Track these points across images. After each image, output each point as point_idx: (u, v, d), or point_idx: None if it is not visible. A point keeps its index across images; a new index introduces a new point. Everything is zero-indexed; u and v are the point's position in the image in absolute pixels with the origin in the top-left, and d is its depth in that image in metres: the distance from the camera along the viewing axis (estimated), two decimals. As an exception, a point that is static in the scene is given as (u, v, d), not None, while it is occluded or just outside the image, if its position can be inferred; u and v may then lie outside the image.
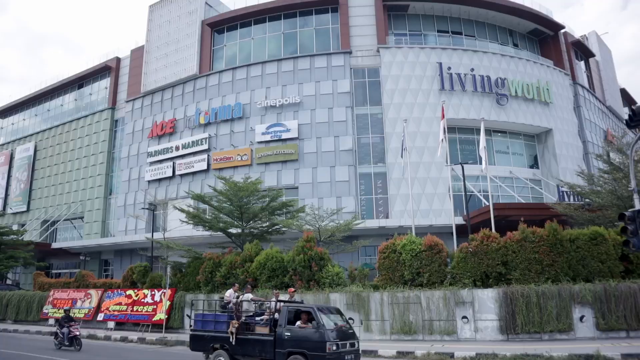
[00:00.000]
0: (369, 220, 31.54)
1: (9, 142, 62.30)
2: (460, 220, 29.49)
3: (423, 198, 33.56)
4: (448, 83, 36.00)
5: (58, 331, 17.44)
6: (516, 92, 37.08)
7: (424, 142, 34.65)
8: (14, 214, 56.38)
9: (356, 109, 36.76)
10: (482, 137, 24.07)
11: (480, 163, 25.54)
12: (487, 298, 15.54)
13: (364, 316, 16.93)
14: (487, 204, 28.13)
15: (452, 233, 24.19)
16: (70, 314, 18.75)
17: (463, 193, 26.75)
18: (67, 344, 16.80)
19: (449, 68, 36.30)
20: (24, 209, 55.31)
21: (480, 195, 33.63)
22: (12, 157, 60.26)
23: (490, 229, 17.71)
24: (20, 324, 27.46)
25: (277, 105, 37.85)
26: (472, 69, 36.64)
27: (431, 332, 15.94)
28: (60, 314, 25.79)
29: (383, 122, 35.86)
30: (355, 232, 29.17)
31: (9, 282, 45.72)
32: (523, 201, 33.92)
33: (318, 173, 35.53)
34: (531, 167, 38.89)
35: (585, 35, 50.95)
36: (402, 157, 25.99)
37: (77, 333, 17.04)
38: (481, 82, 36.44)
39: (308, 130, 36.59)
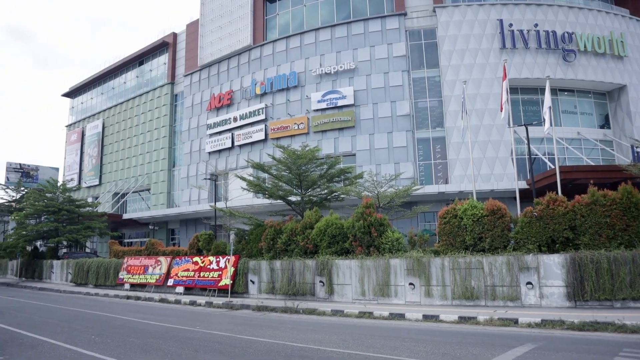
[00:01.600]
0: (428, 186, 31.10)
1: (80, 121, 65.96)
2: (523, 184, 28.48)
3: (484, 162, 32.58)
4: (509, 41, 34.23)
5: None
6: (585, 46, 34.70)
7: (484, 104, 33.39)
8: (88, 187, 60.12)
9: (413, 73, 35.84)
10: (547, 97, 22.82)
11: (545, 125, 24.31)
12: (554, 264, 15.02)
13: (425, 281, 16.90)
14: (553, 167, 26.95)
15: (515, 198, 23.41)
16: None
17: (527, 156, 25.72)
18: None
19: (511, 25, 34.44)
20: (97, 182, 58.79)
21: (545, 158, 32.25)
22: (83, 135, 63.86)
23: (556, 193, 16.94)
24: (100, 288, 29.58)
25: (332, 72, 37.56)
26: (536, 25, 34.56)
27: (494, 298, 15.68)
28: (134, 279, 27.59)
29: (441, 85, 34.80)
30: (414, 198, 28.91)
31: (87, 250, 49.10)
32: (592, 163, 32.24)
33: (375, 139, 35.22)
34: (601, 127, 36.63)
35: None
36: (462, 119, 25.19)
37: None
38: (546, 38, 34.38)
39: (364, 96, 36.17)
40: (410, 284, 17.23)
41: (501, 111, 23.98)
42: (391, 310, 15.42)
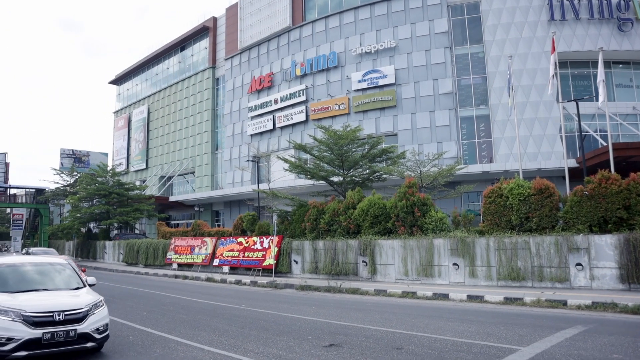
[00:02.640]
0: (472, 165, 30.43)
1: (126, 107, 67.98)
2: (572, 163, 27.43)
3: (530, 140, 31.55)
4: (558, 12, 32.65)
5: None
6: (643, 14, 32.60)
7: (531, 80, 32.17)
8: (136, 171, 62.16)
9: (455, 49, 34.85)
10: (601, 70, 21.69)
11: (597, 99, 23.19)
12: (606, 244, 14.48)
13: (469, 262, 16.68)
14: (605, 144, 25.81)
15: (563, 177, 22.64)
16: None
17: (577, 133, 24.69)
18: None
19: (560, -5, 32.79)
20: (144, 166, 60.67)
21: (597, 135, 30.89)
22: (130, 120, 65.83)
23: (609, 171, 16.21)
24: (149, 267, 30.74)
25: (372, 51, 37.04)
26: (588, -7, 32.75)
27: (541, 279, 15.31)
28: (181, 259, 28.51)
29: (485, 61, 33.73)
30: (458, 178, 28.41)
31: (137, 231, 50.99)
32: (649, 139, 30.59)
33: (417, 118, 34.67)
34: (660, 100, 34.56)
35: None
36: (509, 95, 24.37)
37: None
38: (599, 7, 32.55)
39: (405, 75, 35.55)
40: (454, 264, 17.05)
41: (549, 86, 23.06)
42: (435, 291, 15.33)
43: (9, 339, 6.78)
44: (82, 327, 7.27)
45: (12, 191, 61.87)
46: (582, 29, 32.54)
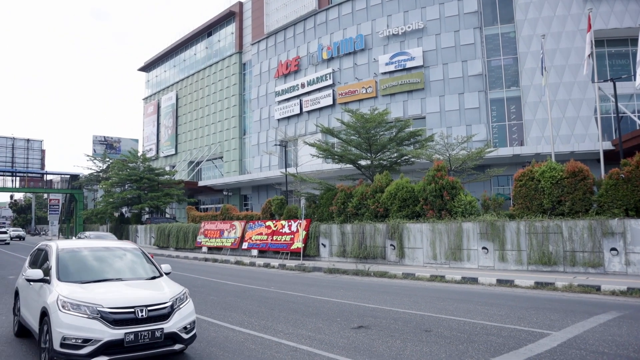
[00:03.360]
0: (501, 148, 29.82)
1: (155, 93, 68.95)
2: (608, 145, 26.57)
3: (563, 122, 30.68)
4: (595, -12, 31.38)
5: None
6: (686, -11, 31.06)
7: (565, 60, 31.16)
8: (165, 157, 63.24)
9: (485, 30, 33.97)
10: (640, 48, 20.82)
11: (635, 79, 22.32)
12: (642, 228, 14.07)
13: (499, 246, 16.46)
14: (643, 124, 24.89)
15: (598, 160, 22.00)
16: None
17: (613, 114, 23.88)
18: None
19: (597, -30, 31.48)
20: (173, 152, 61.65)
21: (634, 116, 29.79)
22: (159, 107, 66.81)
23: (647, 153, 15.64)
24: (180, 251, 31.40)
25: (400, 33, 36.46)
26: (627, -32, 31.34)
27: (573, 263, 15.01)
28: (211, 243, 29.01)
29: (516, 41, 32.78)
30: (488, 161, 27.94)
31: (167, 215, 52.02)
32: (690, 120, 29.37)
33: (446, 101, 34.10)
34: (702, 79, 33.00)
35: None
36: (542, 75, 23.67)
37: None
38: (638, -17, 31.13)
39: (433, 57, 34.91)
40: (484, 248, 16.86)
41: (584, 66, 22.28)
42: (464, 274, 15.22)
43: (86, 341, 5.53)
44: (168, 326, 5.97)
45: (49, 177, 63.83)
46: (620, 5, 31.20)
